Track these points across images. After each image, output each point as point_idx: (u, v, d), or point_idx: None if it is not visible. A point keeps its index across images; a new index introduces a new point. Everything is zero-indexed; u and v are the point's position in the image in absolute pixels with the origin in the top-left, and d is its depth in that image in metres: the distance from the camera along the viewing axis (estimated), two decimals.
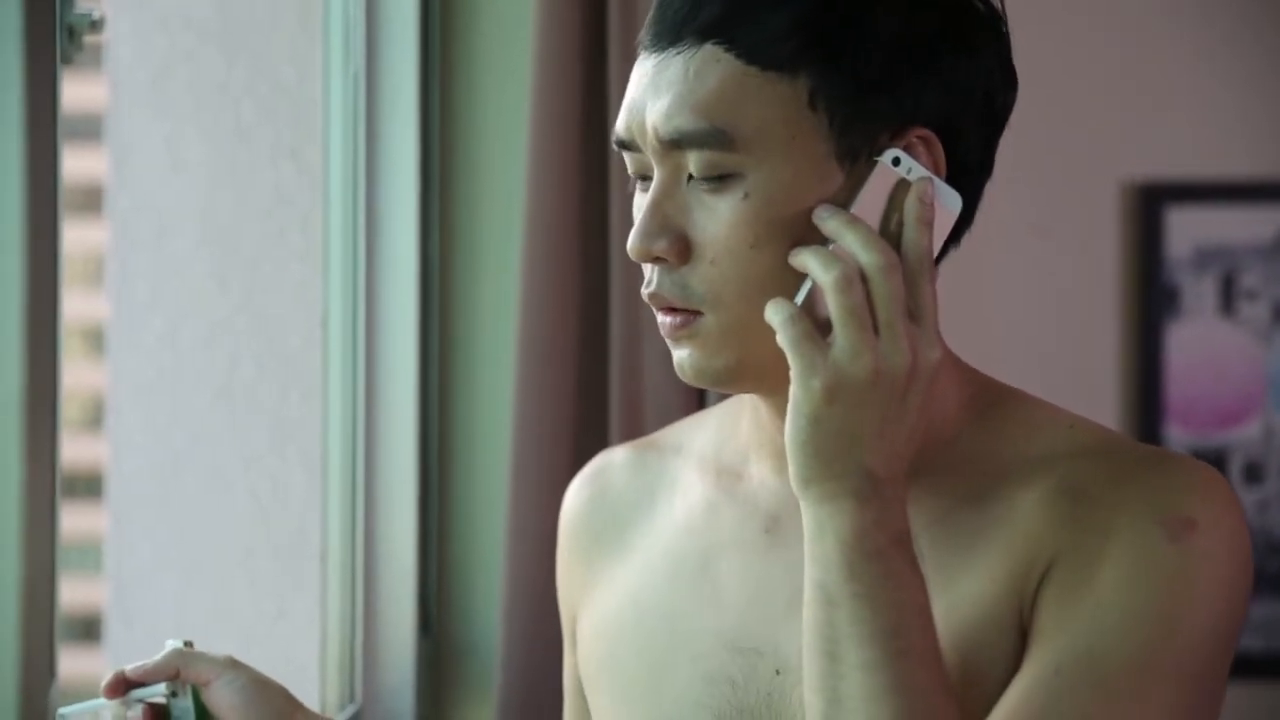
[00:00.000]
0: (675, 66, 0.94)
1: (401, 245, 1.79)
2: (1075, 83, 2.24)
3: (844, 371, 0.91)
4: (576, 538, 1.12)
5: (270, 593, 1.72)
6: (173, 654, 1.03)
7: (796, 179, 0.93)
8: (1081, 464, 0.96)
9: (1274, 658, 2.26)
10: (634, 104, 0.96)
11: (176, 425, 1.72)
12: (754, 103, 0.93)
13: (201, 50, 1.72)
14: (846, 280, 0.91)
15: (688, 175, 0.95)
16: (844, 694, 0.90)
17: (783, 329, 0.92)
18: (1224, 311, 2.28)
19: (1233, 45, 2.27)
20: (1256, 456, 2.28)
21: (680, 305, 0.96)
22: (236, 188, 1.73)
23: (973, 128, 0.96)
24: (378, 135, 1.77)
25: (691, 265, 0.95)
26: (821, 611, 0.91)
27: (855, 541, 0.91)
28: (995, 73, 0.97)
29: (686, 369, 0.97)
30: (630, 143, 0.97)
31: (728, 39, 0.94)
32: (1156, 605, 0.92)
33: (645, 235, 0.95)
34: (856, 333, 0.91)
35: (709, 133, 0.93)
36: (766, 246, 0.94)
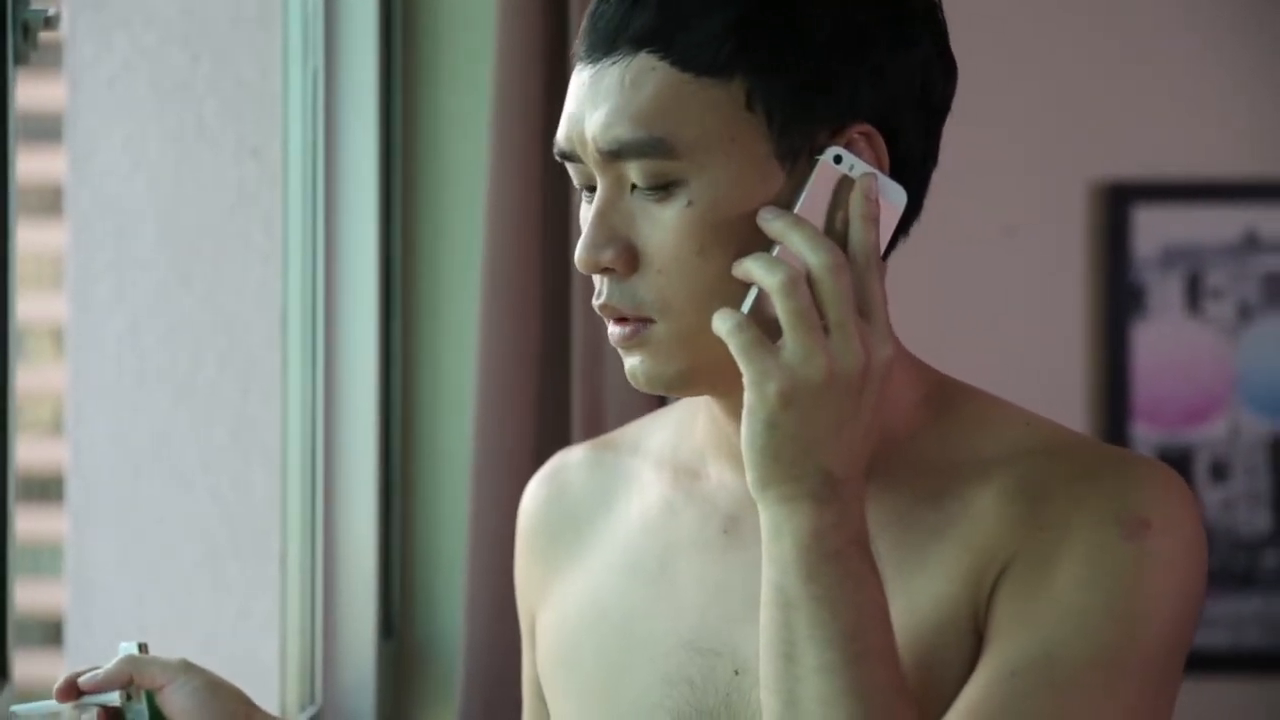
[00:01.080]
0: (611, 76, 0.94)
1: (361, 243, 1.78)
2: (1043, 83, 2.24)
3: (797, 375, 0.90)
4: (534, 537, 1.12)
5: (232, 594, 1.71)
6: (125, 661, 1.03)
7: (739, 183, 0.93)
8: (1038, 462, 0.96)
9: (1240, 654, 2.27)
10: (573, 115, 0.96)
11: (137, 426, 1.71)
12: (691, 109, 0.93)
13: (162, 48, 1.71)
14: (791, 283, 0.91)
15: (630, 185, 0.95)
16: (801, 696, 0.90)
17: (731, 338, 0.91)
18: (1190, 310, 2.29)
19: (1200, 46, 2.28)
20: (1222, 455, 2.29)
21: (631, 315, 0.95)
22: (198, 187, 1.72)
23: (913, 120, 0.96)
24: (337, 133, 1.76)
25: (640, 274, 0.95)
26: (779, 613, 0.91)
27: (813, 543, 0.90)
28: (933, 63, 0.97)
29: (639, 376, 0.97)
30: (571, 154, 0.97)
31: (662, 47, 0.93)
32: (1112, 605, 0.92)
33: (591, 247, 0.95)
34: (806, 335, 0.91)
35: (648, 142, 0.93)
36: (713, 252, 0.93)
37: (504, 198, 1.72)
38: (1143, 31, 2.27)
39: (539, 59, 1.72)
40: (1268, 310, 2.30)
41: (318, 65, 1.74)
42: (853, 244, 0.93)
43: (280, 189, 1.72)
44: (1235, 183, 2.28)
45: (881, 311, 0.93)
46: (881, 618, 0.91)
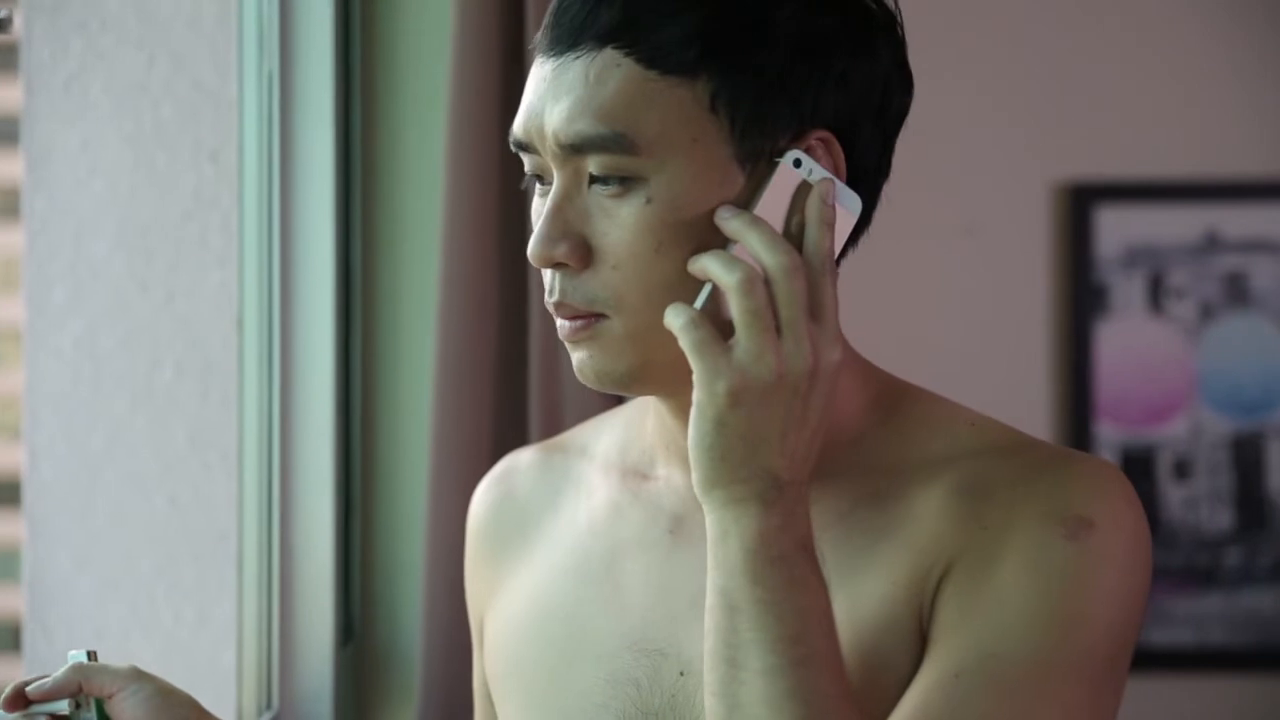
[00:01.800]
0: (574, 71, 0.94)
1: (318, 247, 1.77)
2: (1005, 84, 2.25)
3: (748, 374, 0.91)
4: (483, 540, 1.12)
5: (191, 599, 1.70)
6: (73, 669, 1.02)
7: (698, 182, 0.93)
8: (982, 463, 0.96)
9: (1204, 652, 2.28)
10: (532, 107, 0.96)
11: (95, 430, 1.70)
12: (655, 107, 0.93)
13: (119, 51, 1.70)
14: (750, 282, 0.91)
15: (588, 180, 0.95)
16: (743, 700, 0.90)
17: (684, 333, 0.91)
18: (1153, 310, 2.29)
19: (1161, 47, 2.28)
20: (1185, 453, 2.30)
21: (584, 311, 0.95)
22: (156, 190, 1.71)
23: (870, 130, 0.97)
24: (293, 136, 1.75)
25: (593, 270, 0.95)
26: (724, 617, 0.91)
27: (759, 546, 0.90)
28: (892, 75, 0.98)
29: (587, 372, 0.97)
30: (528, 145, 0.97)
31: (628, 44, 0.94)
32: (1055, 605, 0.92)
33: (546, 240, 0.95)
34: (760, 335, 0.91)
35: (610, 138, 0.93)
36: (670, 251, 0.93)
37: (461, 200, 1.72)
38: (1105, 33, 2.28)
39: (496, 60, 1.71)
40: (1229, 310, 2.31)
41: (273, 68, 1.73)
42: (808, 247, 0.93)
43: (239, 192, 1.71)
44: (1196, 183, 2.29)
45: (832, 315, 0.93)
46: (826, 622, 0.91)
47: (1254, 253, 2.30)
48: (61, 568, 1.70)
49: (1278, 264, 2.30)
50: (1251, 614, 2.29)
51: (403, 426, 1.84)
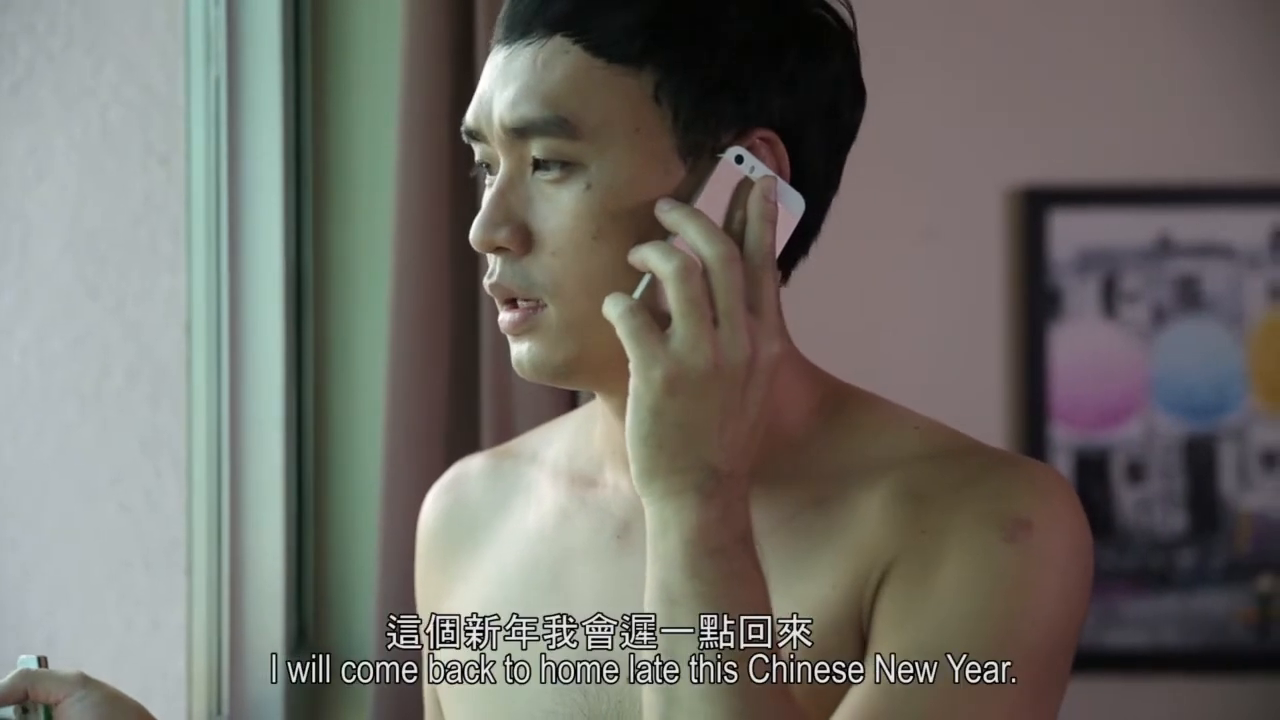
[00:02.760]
0: (524, 57, 0.95)
1: (267, 251, 1.77)
2: (959, 88, 2.26)
3: (684, 362, 0.91)
4: (433, 546, 1.12)
5: (143, 605, 1.69)
6: (20, 675, 1.02)
7: (639, 171, 0.94)
8: (923, 467, 0.96)
9: (1158, 654, 2.29)
10: (483, 95, 0.97)
11: (44, 436, 1.69)
12: (599, 94, 0.94)
13: (67, 54, 1.69)
14: (686, 271, 0.91)
15: (531, 166, 0.95)
16: (681, 693, 0.90)
17: (621, 321, 0.91)
18: (1106, 313, 2.31)
19: (1113, 51, 2.30)
20: (1138, 456, 2.31)
21: (521, 295, 0.96)
22: (104, 194, 1.70)
23: (817, 136, 0.97)
24: (241, 140, 1.74)
25: (533, 255, 0.95)
26: (663, 608, 0.91)
27: (698, 539, 0.91)
28: (844, 85, 0.98)
29: (525, 364, 0.97)
30: (478, 132, 0.97)
31: (577, 31, 0.94)
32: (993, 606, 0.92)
33: (487, 224, 0.95)
34: (696, 324, 0.91)
35: (552, 121, 0.94)
36: (608, 238, 0.94)
37: (412, 202, 1.71)
38: (1058, 38, 2.29)
39: (446, 61, 1.71)
40: (1181, 313, 2.33)
41: (220, 72, 1.72)
42: (749, 242, 0.94)
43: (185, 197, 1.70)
44: (1149, 187, 2.31)
45: (772, 310, 0.93)
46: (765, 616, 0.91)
47: (1206, 257, 2.32)
48: (11, 573, 1.68)
49: (1229, 268, 2.32)
50: (1204, 616, 2.30)
51: (354, 431, 1.83)
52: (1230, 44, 2.30)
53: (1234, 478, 2.31)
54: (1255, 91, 2.30)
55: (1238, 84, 2.30)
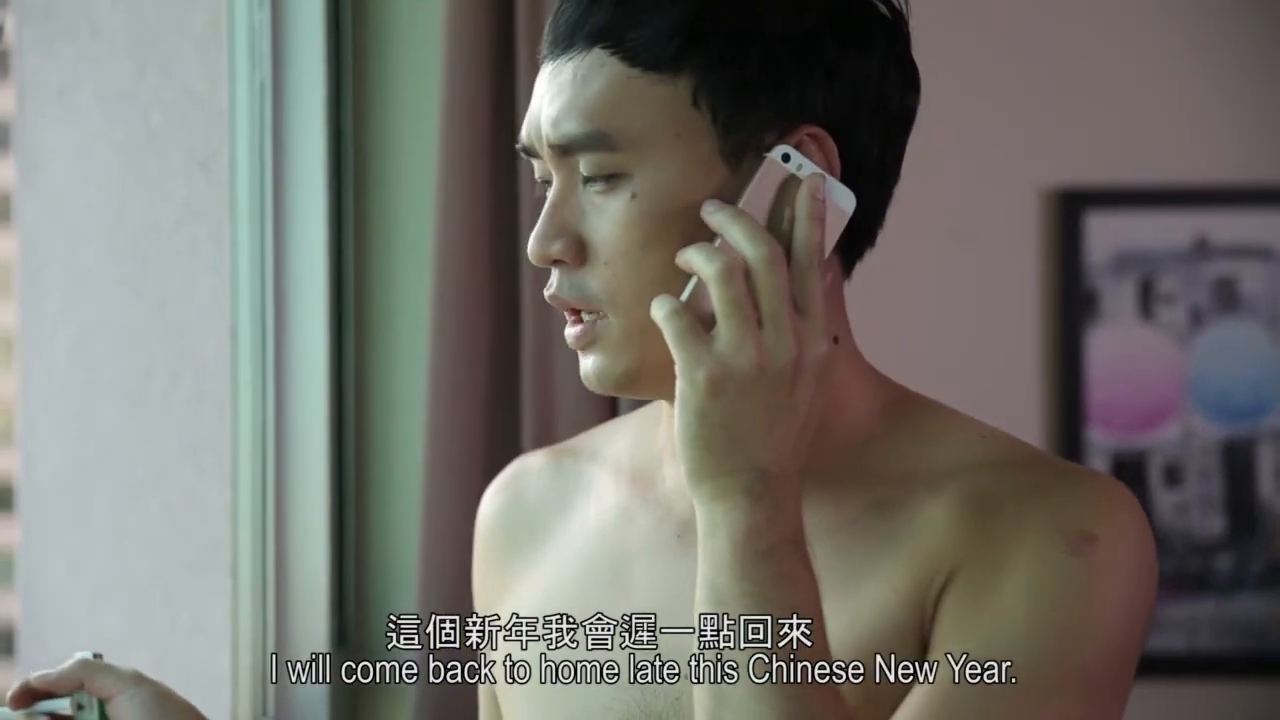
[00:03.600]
0: (566, 72, 0.96)
1: (310, 255, 1.78)
2: (995, 88, 2.25)
3: (727, 363, 0.91)
4: (492, 543, 1.12)
5: (185, 605, 1.70)
6: (78, 664, 1.03)
7: (682, 177, 0.94)
8: (989, 475, 0.96)
9: (1194, 658, 2.28)
10: (533, 112, 0.98)
11: (88, 436, 1.70)
12: (638, 104, 0.94)
13: (110, 59, 1.71)
14: (729, 272, 0.91)
15: (581, 179, 0.96)
16: (730, 693, 0.90)
17: (666, 323, 0.92)
18: (1143, 316, 2.30)
19: (1152, 51, 2.29)
20: (1175, 459, 2.30)
21: (579, 307, 0.97)
22: (147, 197, 1.72)
23: (867, 128, 0.96)
24: (285, 144, 1.76)
25: (589, 267, 0.96)
26: (712, 609, 0.91)
27: (746, 540, 0.91)
28: (891, 72, 0.97)
29: (590, 376, 0.98)
30: (531, 149, 0.99)
31: (613, 43, 0.95)
32: (1056, 617, 0.92)
33: (542, 238, 0.97)
34: (739, 325, 0.91)
35: (593, 136, 0.95)
36: (656, 246, 0.94)
37: (453, 206, 1.72)
38: (1096, 38, 2.29)
39: (486, 68, 1.72)
40: (1219, 315, 2.32)
41: (265, 77, 1.73)
42: (796, 241, 0.93)
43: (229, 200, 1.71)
44: (1186, 189, 2.30)
45: (818, 309, 0.93)
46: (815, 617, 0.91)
47: (1244, 258, 2.31)
48: (56, 573, 1.70)
49: (1267, 269, 2.31)
50: (1242, 620, 2.29)
51: (396, 431, 1.84)
52: (1270, 45, 2.29)
53: (1272, 481, 2.30)
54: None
55: (1277, 85, 2.29)
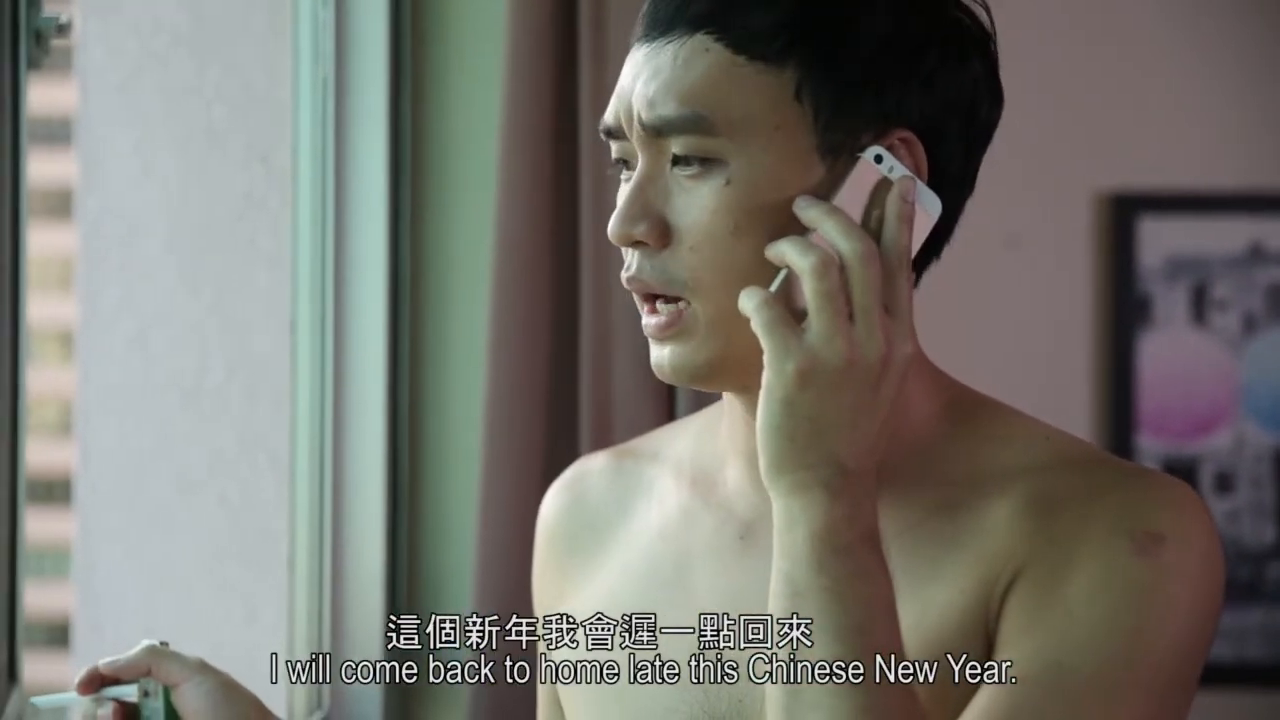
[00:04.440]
0: (665, 55, 0.96)
1: (370, 250, 1.79)
2: (1048, 93, 2.25)
3: (818, 356, 0.91)
4: (553, 544, 1.12)
5: (239, 597, 1.71)
6: (146, 651, 1.04)
7: (778, 168, 0.94)
8: (1054, 476, 0.96)
9: (1244, 667, 2.27)
10: (623, 91, 0.98)
11: (145, 429, 1.71)
12: (740, 92, 0.94)
13: (172, 54, 1.72)
14: (824, 265, 0.91)
15: (670, 162, 0.96)
16: (806, 689, 0.90)
17: (756, 313, 0.92)
18: (1196, 321, 2.29)
19: (1205, 56, 2.28)
20: (1227, 466, 2.29)
21: (659, 290, 0.96)
22: (206, 192, 1.73)
23: (955, 136, 0.97)
24: (347, 139, 1.77)
25: (671, 250, 0.95)
26: (787, 603, 0.91)
27: (825, 535, 0.91)
28: (981, 85, 0.98)
29: (665, 367, 0.97)
30: (617, 130, 0.98)
31: (719, 29, 0.95)
32: (1122, 619, 0.92)
33: (626, 219, 0.96)
34: (831, 318, 0.91)
35: (692, 118, 0.94)
36: (747, 234, 0.94)
37: (513, 200, 1.73)
38: (1149, 42, 2.27)
39: (548, 63, 1.72)
40: (1273, 322, 2.30)
41: (328, 73, 1.74)
42: (885, 242, 0.93)
43: (289, 195, 1.72)
44: (1241, 194, 2.29)
45: (906, 310, 0.93)
46: (889, 615, 0.91)
47: None
48: (112, 565, 1.71)
49: None
50: None
51: (454, 427, 1.84)
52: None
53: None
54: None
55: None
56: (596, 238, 1.71)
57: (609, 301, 1.69)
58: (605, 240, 1.71)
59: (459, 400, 1.84)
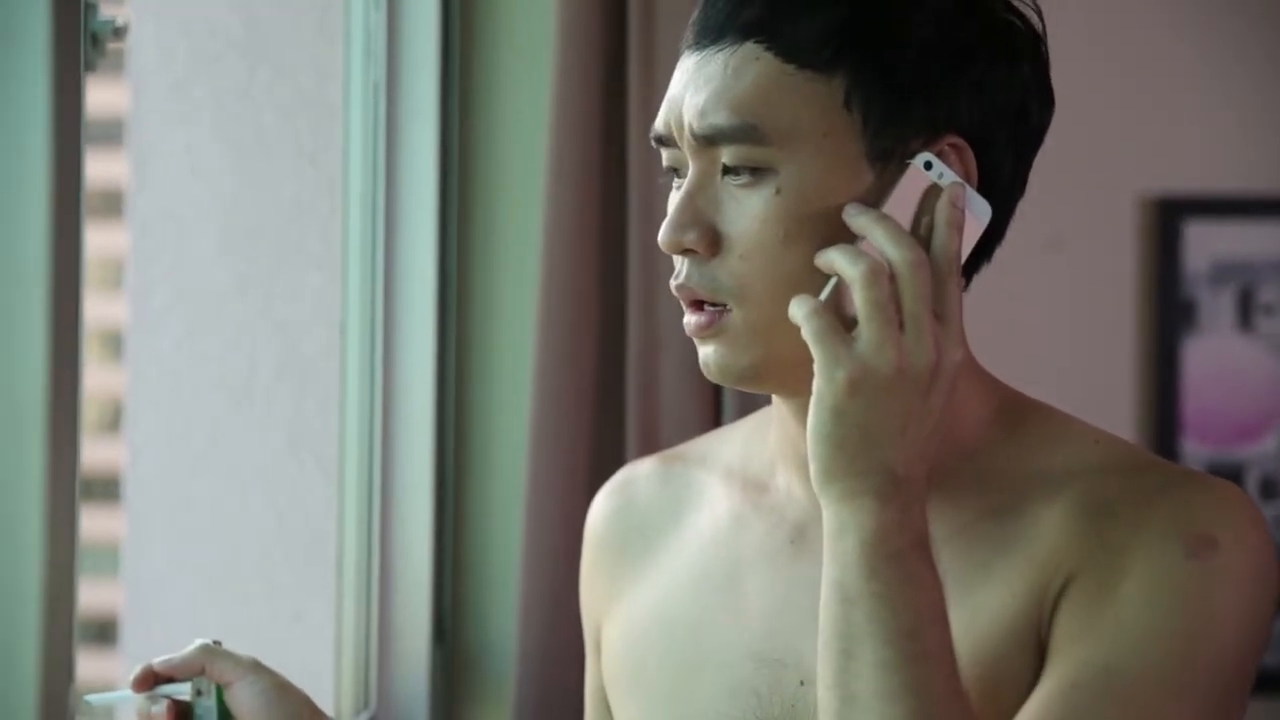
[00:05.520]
0: (715, 63, 0.96)
1: (420, 253, 1.80)
2: (1093, 96, 2.24)
3: (868, 364, 0.91)
4: (602, 548, 1.12)
5: (286, 597, 1.72)
6: (200, 650, 1.05)
7: (828, 176, 0.94)
8: (1105, 480, 0.96)
9: None
10: (674, 100, 0.98)
11: (194, 429, 1.72)
12: (790, 100, 0.94)
13: (224, 57, 1.73)
14: (874, 274, 0.91)
15: (721, 170, 0.96)
16: (858, 692, 0.90)
17: (807, 322, 0.92)
18: (1241, 326, 2.27)
19: (1250, 60, 2.27)
20: (1273, 471, 2.28)
21: (707, 298, 0.96)
22: (256, 194, 1.74)
23: (1005, 141, 0.97)
24: (397, 143, 1.78)
25: (721, 259, 0.96)
26: (839, 609, 0.91)
27: (876, 542, 0.91)
28: (1031, 88, 0.98)
29: (711, 366, 0.98)
30: (668, 138, 0.98)
31: (768, 37, 0.95)
32: (1175, 623, 0.92)
33: (676, 227, 0.96)
34: (882, 326, 0.91)
35: (742, 128, 0.95)
36: (796, 243, 0.94)
37: (562, 209, 1.73)
38: (1194, 45, 2.26)
39: (597, 71, 1.73)
40: None
41: (379, 77, 1.75)
42: (935, 248, 0.94)
43: (338, 198, 1.73)
44: None
45: (956, 316, 0.93)
46: (940, 620, 0.91)
47: None
48: (160, 564, 1.72)
49: None
50: None
51: (500, 431, 1.85)
52: None
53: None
54: None
55: None
56: (644, 242, 1.71)
57: (656, 305, 1.69)
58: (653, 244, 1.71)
59: (506, 403, 1.85)
